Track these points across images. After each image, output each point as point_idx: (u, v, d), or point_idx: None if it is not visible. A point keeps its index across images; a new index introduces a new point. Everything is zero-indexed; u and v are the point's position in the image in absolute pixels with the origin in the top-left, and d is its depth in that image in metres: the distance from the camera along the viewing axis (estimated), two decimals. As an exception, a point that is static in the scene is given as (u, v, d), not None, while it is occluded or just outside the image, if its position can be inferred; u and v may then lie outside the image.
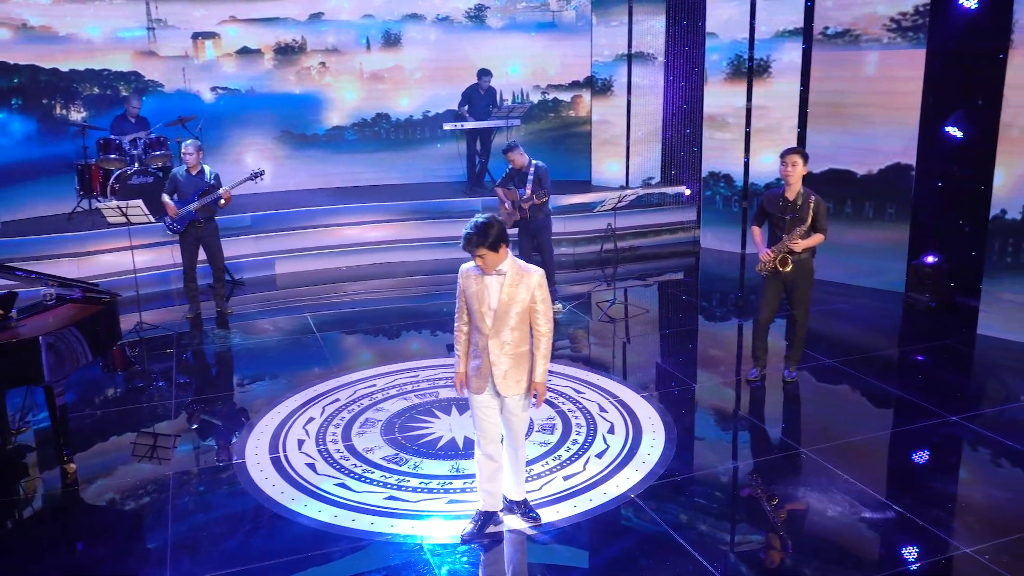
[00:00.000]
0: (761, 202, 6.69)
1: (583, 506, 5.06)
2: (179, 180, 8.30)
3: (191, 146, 8.27)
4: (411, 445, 5.85)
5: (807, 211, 6.31)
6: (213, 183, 8.27)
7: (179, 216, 8.21)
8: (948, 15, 8.38)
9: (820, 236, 6.40)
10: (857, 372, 7.08)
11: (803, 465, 5.53)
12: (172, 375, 7.30)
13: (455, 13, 12.38)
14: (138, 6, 11.10)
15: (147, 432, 6.28)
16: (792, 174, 6.32)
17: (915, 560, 4.52)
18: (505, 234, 4.33)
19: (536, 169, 8.35)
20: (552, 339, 4.51)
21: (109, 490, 5.42)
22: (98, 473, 5.61)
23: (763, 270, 6.57)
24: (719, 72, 10.76)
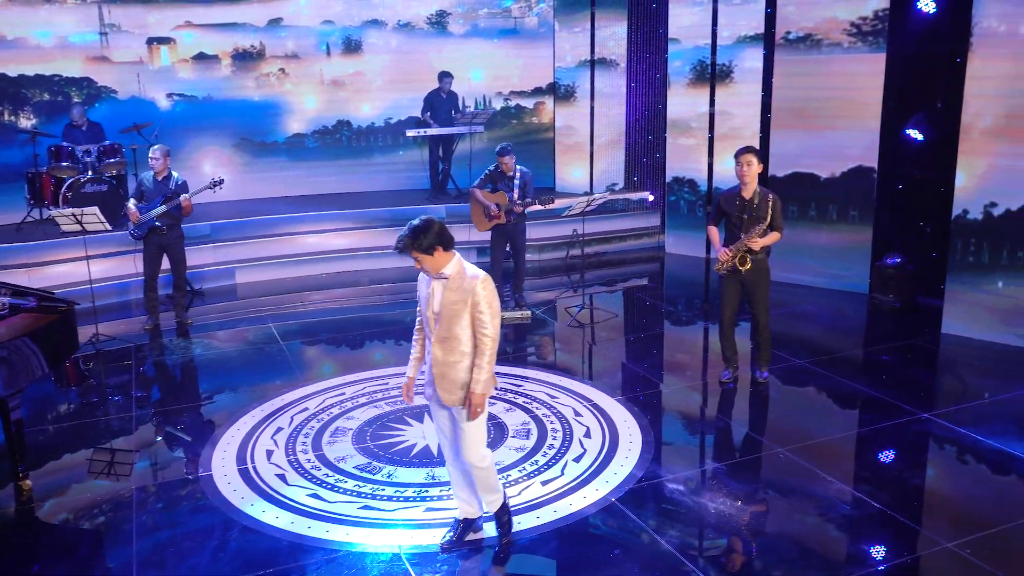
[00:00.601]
0: (718, 202, 6.68)
1: (563, 511, 4.96)
2: (145, 186, 8.11)
3: (158, 151, 8.05)
4: (384, 453, 5.71)
5: (765, 209, 6.32)
6: (178, 189, 8.05)
7: (140, 222, 7.97)
8: (907, 20, 8.51)
9: (777, 234, 6.42)
10: (827, 372, 7.10)
11: (782, 464, 5.50)
12: (131, 387, 7.07)
13: (416, 19, 12.27)
14: (90, 10, 10.80)
15: (106, 447, 6.04)
16: (748, 173, 6.32)
17: (898, 556, 4.51)
18: (443, 238, 4.12)
19: (522, 175, 8.34)
20: (497, 348, 4.23)
21: (67, 508, 5.19)
22: (55, 490, 5.37)
23: (721, 269, 6.56)
24: (682, 77, 10.80)
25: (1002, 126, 7.41)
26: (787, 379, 6.93)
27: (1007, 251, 7.51)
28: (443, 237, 4.13)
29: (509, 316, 8.48)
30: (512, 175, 8.34)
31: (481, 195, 8.35)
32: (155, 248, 8.19)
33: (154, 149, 8.10)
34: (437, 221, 4.18)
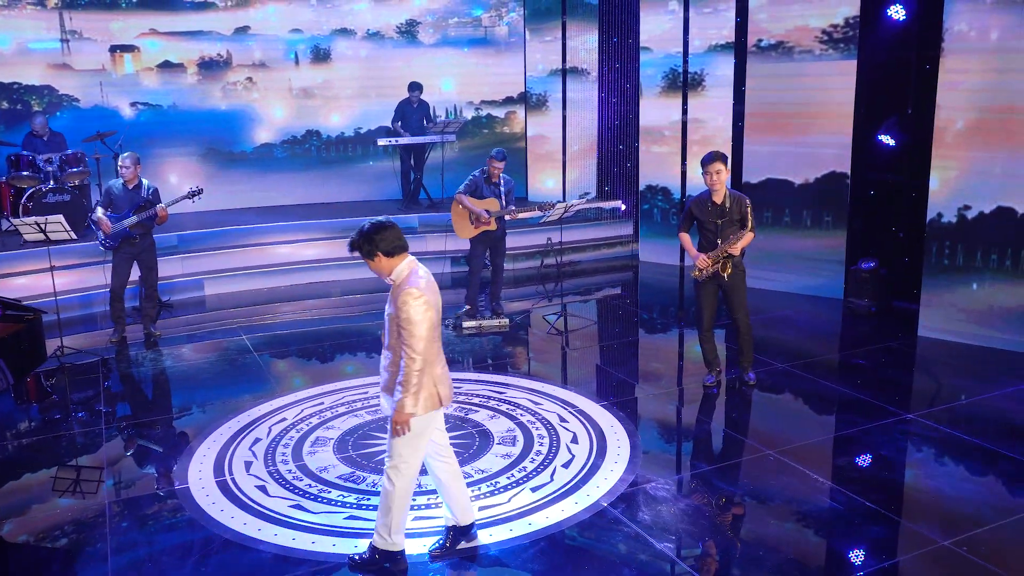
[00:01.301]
0: (688, 207, 6.64)
1: (555, 517, 4.85)
2: (114, 194, 7.81)
3: (128, 159, 7.78)
4: (367, 463, 5.55)
5: (739, 212, 6.31)
6: (150, 198, 7.82)
7: (113, 232, 7.71)
8: (877, 27, 8.61)
9: (751, 235, 6.41)
10: (809, 375, 7.10)
11: (773, 466, 5.44)
12: (99, 401, 6.81)
13: (386, 28, 12.17)
14: (51, 16, 10.54)
15: (73, 463, 5.81)
16: (717, 182, 6.31)
17: (897, 555, 4.46)
18: (385, 244, 3.93)
19: (506, 182, 8.31)
20: (421, 372, 3.92)
21: (34, 526, 4.94)
22: (18, 509, 5.13)
23: (700, 276, 6.53)
24: (654, 86, 10.83)
25: (974, 130, 7.50)
26: (770, 383, 6.90)
27: (981, 253, 7.59)
28: (384, 243, 3.93)
29: (487, 324, 8.39)
30: (497, 182, 8.27)
31: (469, 201, 8.23)
32: (126, 257, 7.93)
33: (124, 157, 7.83)
34: (386, 226, 3.97)
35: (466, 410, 6.39)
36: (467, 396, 6.66)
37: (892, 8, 8.39)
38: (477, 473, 5.38)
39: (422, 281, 3.97)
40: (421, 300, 3.89)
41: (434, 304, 4.00)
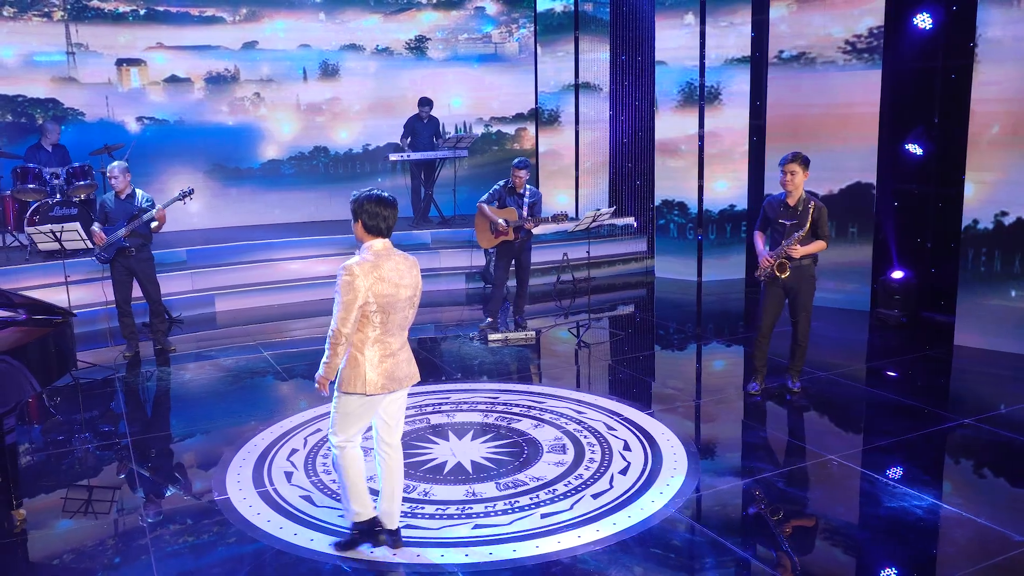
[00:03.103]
0: (763, 208, 6.54)
1: (622, 523, 4.61)
2: (108, 206, 7.48)
3: (116, 169, 7.40)
4: (415, 471, 5.28)
5: (807, 217, 6.18)
6: (144, 207, 7.52)
7: (107, 243, 7.40)
8: (903, 36, 8.59)
9: (822, 243, 6.29)
10: (854, 383, 6.95)
11: (839, 471, 5.25)
12: (122, 416, 6.50)
13: (395, 44, 12.04)
14: (57, 29, 10.30)
15: (105, 476, 5.49)
16: (791, 183, 6.21)
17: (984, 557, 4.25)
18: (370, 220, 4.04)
19: (532, 194, 8.15)
20: (335, 342, 4.01)
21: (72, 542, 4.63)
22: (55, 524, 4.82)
23: (762, 275, 6.38)
24: (670, 100, 10.75)
25: (1010, 135, 7.44)
26: (815, 391, 6.72)
27: (1019, 259, 7.50)
28: (367, 216, 4.04)
29: (513, 336, 8.17)
30: (522, 192, 8.11)
31: (489, 210, 8.06)
32: (123, 271, 7.58)
33: (111, 168, 7.44)
34: (383, 202, 4.07)
35: (508, 419, 6.16)
36: (506, 406, 6.43)
37: (918, 17, 8.36)
38: (532, 481, 5.14)
39: (366, 265, 4.01)
40: (347, 279, 3.97)
41: (379, 290, 4.01)
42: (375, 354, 4.09)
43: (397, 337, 4.17)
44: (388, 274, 4.05)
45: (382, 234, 4.08)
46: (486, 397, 6.66)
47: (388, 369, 4.13)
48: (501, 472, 5.27)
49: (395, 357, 4.15)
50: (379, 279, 4.01)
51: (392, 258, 4.09)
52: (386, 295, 4.03)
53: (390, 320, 4.09)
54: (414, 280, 4.20)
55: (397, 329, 4.15)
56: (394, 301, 4.07)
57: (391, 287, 4.05)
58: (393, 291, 4.05)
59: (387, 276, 4.05)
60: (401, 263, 4.12)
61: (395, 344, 4.16)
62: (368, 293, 3.98)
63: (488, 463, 5.41)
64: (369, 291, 3.98)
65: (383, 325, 4.08)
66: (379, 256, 4.05)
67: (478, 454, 5.55)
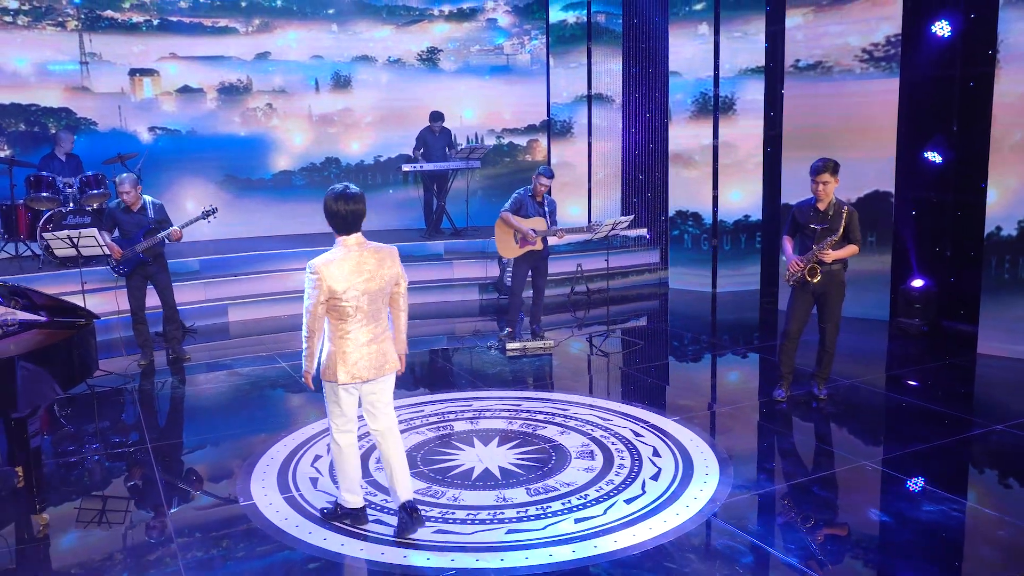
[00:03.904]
0: (792, 214, 6.47)
1: (659, 528, 4.52)
2: (119, 217, 7.37)
3: (127, 182, 7.27)
4: (442, 477, 5.20)
5: (839, 221, 6.13)
6: (158, 217, 7.45)
7: (125, 258, 7.34)
8: (920, 44, 8.57)
9: (854, 247, 6.22)
10: (879, 390, 6.87)
11: (874, 476, 5.17)
12: (140, 423, 6.41)
13: (407, 56, 12.04)
14: (71, 38, 10.29)
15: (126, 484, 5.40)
16: (824, 191, 6.15)
17: (1034, 562, 4.17)
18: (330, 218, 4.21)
19: (549, 203, 8.12)
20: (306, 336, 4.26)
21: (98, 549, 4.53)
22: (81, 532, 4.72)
23: (791, 281, 6.31)
24: (684, 110, 10.73)
25: (1033, 141, 7.41)
26: (841, 397, 6.64)
27: (1043, 266, 7.44)
28: (326, 211, 4.20)
29: (532, 346, 8.09)
30: (542, 201, 8.06)
31: (515, 219, 7.98)
32: (139, 280, 7.52)
33: (122, 180, 7.31)
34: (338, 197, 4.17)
35: (533, 426, 6.06)
36: (530, 413, 6.34)
37: (937, 25, 8.35)
38: (563, 487, 5.05)
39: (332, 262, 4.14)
40: (310, 275, 4.14)
41: (346, 284, 4.12)
42: (349, 344, 4.23)
43: (371, 327, 4.28)
44: (356, 268, 4.16)
45: (349, 229, 4.20)
46: (509, 405, 6.58)
47: (363, 358, 4.26)
48: (530, 478, 5.18)
49: (369, 347, 4.28)
50: (346, 274, 4.13)
51: (363, 252, 4.21)
52: (355, 287, 4.14)
53: (361, 312, 4.21)
54: (388, 272, 4.29)
55: (371, 320, 4.27)
56: (364, 293, 4.18)
57: (359, 280, 4.16)
58: (362, 284, 4.16)
59: (354, 270, 4.16)
60: (370, 256, 4.23)
61: (369, 334, 4.28)
62: (333, 287, 4.10)
63: (516, 469, 5.32)
64: (334, 285, 4.10)
65: (355, 317, 4.20)
66: (349, 250, 4.19)
67: (505, 460, 5.46)
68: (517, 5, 12.16)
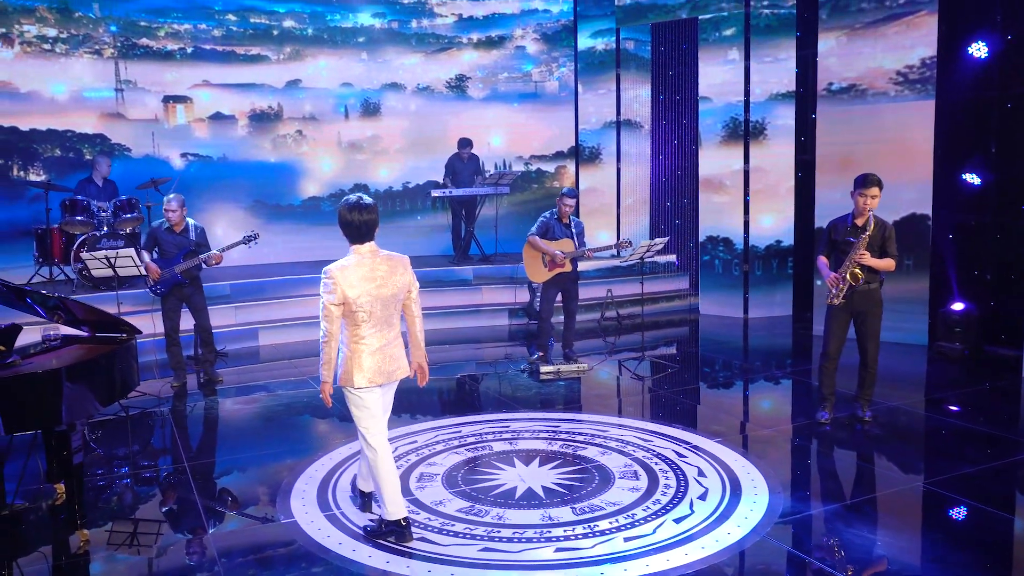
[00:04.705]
0: (827, 232, 6.40)
1: (711, 547, 4.39)
2: (161, 237, 7.43)
3: (174, 201, 7.38)
4: (485, 496, 5.09)
5: (879, 236, 6.06)
6: (199, 240, 7.49)
7: (163, 279, 7.35)
8: (956, 66, 8.52)
9: (891, 261, 6.15)
10: (924, 412, 6.72)
11: (929, 496, 5.01)
12: (175, 444, 6.36)
13: (436, 83, 12.12)
14: (107, 66, 10.43)
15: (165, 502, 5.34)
16: (870, 205, 6.10)
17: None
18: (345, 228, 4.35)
19: (576, 224, 8.10)
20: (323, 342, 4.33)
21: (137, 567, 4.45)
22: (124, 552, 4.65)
23: (832, 298, 6.19)
24: (714, 135, 10.70)
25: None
26: (886, 419, 6.49)
27: (1089, 288, 7.29)
28: (341, 221, 4.35)
29: (566, 369, 7.99)
30: (568, 223, 8.03)
31: (543, 243, 7.96)
32: (175, 301, 7.54)
33: (169, 199, 7.41)
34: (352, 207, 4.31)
35: (573, 447, 5.96)
36: (569, 434, 6.24)
37: (973, 46, 8.30)
38: (609, 506, 4.93)
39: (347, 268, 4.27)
40: (326, 281, 4.27)
41: (360, 291, 4.25)
42: (363, 350, 4.35)
43: (386, 333, 4.41)
44: (369, 275, 4.30)
45: (363, 238, 4.34)
46: (546, 426, 6.48)
47: (377, 364, 4.39)
48: (575, 497, 5.07)
49: (383, 352, 4.40)
50: (360, 280, 4.26)
51: (375, 259, 4.35)
52: (368, 294, 4.27)
53: (374, 318, 4.33)
54: (400, 279, 4.42)
55: (384, 326, 4.39)
56: (377, 300, 4.30)
57: (372, 286, 4.29)
58: (375, 291, 4.29)
59: (368, 276, 4.29)
60: (383, 264, 4.37)
61: (382, 340, 4.40)
62: (348, 293, 4.22)
63: (560, 488, 5.21)
64: (348, 290, 4.22)
65: (368, 323, 4.33)
66: (362, 257, 4.33)
67: (548, 480, 5.35)
68: (546, 33, 12.23)
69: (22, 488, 5.19)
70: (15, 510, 4.82)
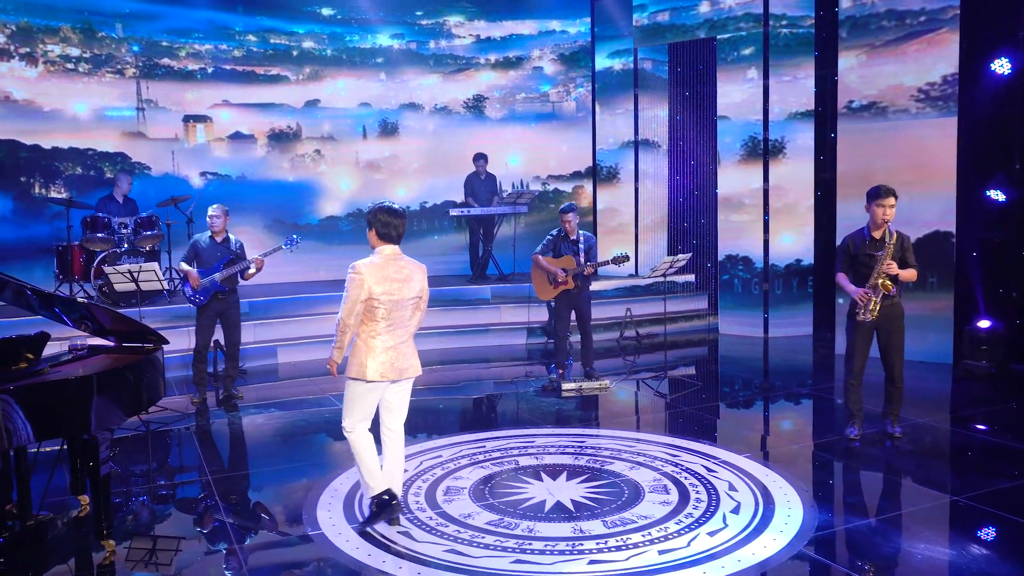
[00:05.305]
0: (844, 248, 6.33)
1: (748, 560, 4.31)
2: (201, 247, 7.48)
3: (218, 208, 7.50)
4: (514, 509, 5.02)
5: (899, 247, 6.03)
6: (238, 252, 7.53)
7: (203, 287, 7.36)
8: (979, 83, 8.50)
9: (914, 271, 6.12)
10: (954, 428, 6.62)
11: (967, 511, 4.91)
12: (199, 458, 6.31)
13: (453, 103, 12.17)
14: (128, 85, 10.52)
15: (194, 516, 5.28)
16: (888, 216, 6.06)
17: None
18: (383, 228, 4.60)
19: (586, 239, 8.04)
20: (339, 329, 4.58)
21: None
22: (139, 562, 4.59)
23: (862, 314, 6.11)
24: (732, 154, 10.69)
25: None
26: (917, 436, 6.39)
27: (1119, 304, 7.21)
28: (380, 225, 4.61)
29: (588, 386, 7.93)
30: (576, 239, 8.00)
31: (544, 261, 7.97)
32: (211, 315, 7.55)
33: (214, 208, 7.54)
34: (393, 213, 4.63)
35: (600, 462, 5.88)
36: (595, 450, 6.16)
37: (996, 63, 8.29)
38: (640, 519, 4.85)
39: (374, 265, 4.54)
40: (353, 276, 4.51)
41: (383, 289, 4.50)
42: (378, 345, 4.57)
43: (399, 332, 4.65)
44: (393, 275, 4.56)
45: (392, 240, 4.64)
46: (571, 441, 6.40)
47: (388, 360, 4.59)
48: (605, 511, 4.99)
49: (396, 350, 4.63)
50: (384, 278, 4.51)
51: (399, 262, 4.62)
52: (390, 293, 4.52)
53: (392, 316, 4.58)
54: (419, 284, 4.71)
55: (399, 325, 4.64)
56: (397, 299, 4.56)
57: (395, 287, 4.54)
58: (396, 291, 4.55)
59: (392, 276, 4.55)
60: (406, 267, 4.65)
61: (396, 339, 4.63)
62: (372, 289, 4.47)
63: (589, 502, 5.13)
64: (373, 288, 4.47)
65: (386, 320, 4.56)
66: (387, 259, 4.59)
67: (576, 494, 5.27)
68: (563, 53, 12.29)
69: (47, 500, 5.15)
70: (40, 521, 4.76)
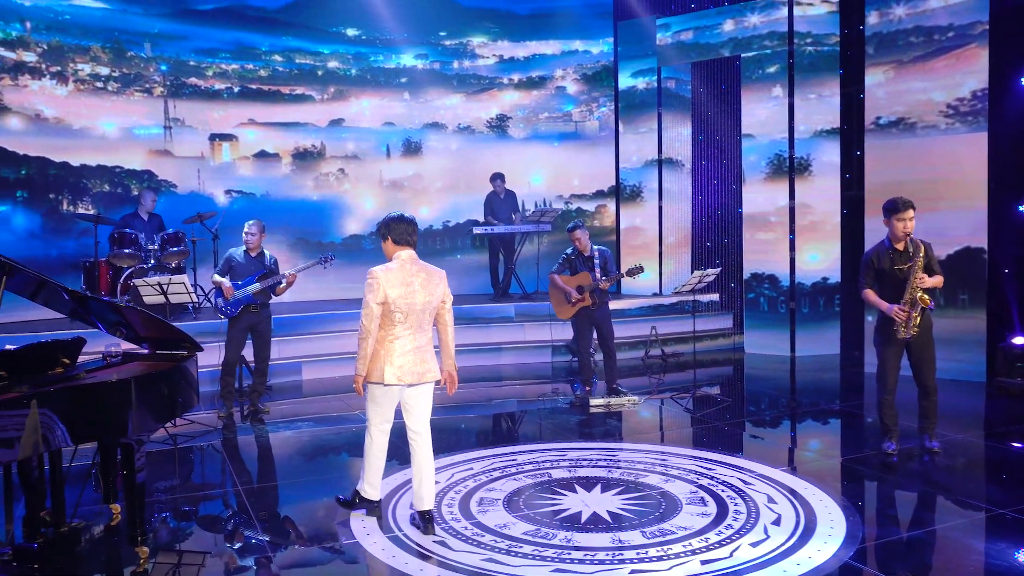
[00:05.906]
0: (868, 262, 6.21)
1: (792, 571, 4.21)
2: (236, 261, 7.51)
3: (254, 225, 7.54)
4: (550, 520, 4.94)
5: (925, 256, 5.96)
6: (272, 267, 7.55)
7: (234, 298, 7.36)
8: (1010, 97, 8.45)
9: (940, 277, 6.05)
10: (992, 443, 6.50)
11: (1016, 523, 4.79)
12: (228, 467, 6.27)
13: (476, 123, 12.22)
14: (156, 104, 10.62)
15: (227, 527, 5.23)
16: (909, 228, 6.00)
17: None
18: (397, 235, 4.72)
19: (601, 254, 8.00)
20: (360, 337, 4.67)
21: (198, 576, 4.34)
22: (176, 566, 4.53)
23: (904, 331, 6.01)
24: (758, 172, 10.65)
25: None
26: (955, 451, 6.27)
27: None
28: (395, 233, 4.73)
29: (616, 402, 7.86)
30: (591, 255, 7.96)
31: (560, 280, 7.95)
32: (243, 329, 7.54)
33: (250, 224, 7.59)
34: (404, 220, 4.75)
35: (634, 474, 5.79)
36: (628, 463, 6.08)
37: (1026, 77, 8.26)
38: (680, 530, 4.76)
39: (390, 271, 4.64)
40: (371, 281, 4.62)
41: (399, 293, 4.59)
42: (395, 350, 4.64)
43: (417, 337, 4.70)
44: (409, 279, 4.64)
45: (410, 244, 4.75)
46: (604, 455, 6.32)
47: (406, 364, 4.66)
48: (643, 522, 4.90)
49: (414, 355, 4.69)
50: (400, 283, 4.61)
51: (414, 267, 4.69)
52: (404, 297, 4.60)
53: (409, 320, 4.64)
54: (436, 289, 4.74)
55: (417, 330, 4.69)
56: (413, 304, 4.62)
57: (411, 291, 4.62)
58: (412, 295, 4.62)
59: (407, 281, 4.63)
60: (420, 272, 4.70)
61: (414, 343, 4.69)
62: (388, 294, 4.56)
63: (626, 513, 5.05)
64: (389, 292, 4.56)
65: (403, 324, 4.63)
66: (404, 264, 4.68)
67: (613, 505, 5.19)
68: (586, 73, 12.33)
69: (79, 509, 5.10)
70: (73, 528, 4.72)
